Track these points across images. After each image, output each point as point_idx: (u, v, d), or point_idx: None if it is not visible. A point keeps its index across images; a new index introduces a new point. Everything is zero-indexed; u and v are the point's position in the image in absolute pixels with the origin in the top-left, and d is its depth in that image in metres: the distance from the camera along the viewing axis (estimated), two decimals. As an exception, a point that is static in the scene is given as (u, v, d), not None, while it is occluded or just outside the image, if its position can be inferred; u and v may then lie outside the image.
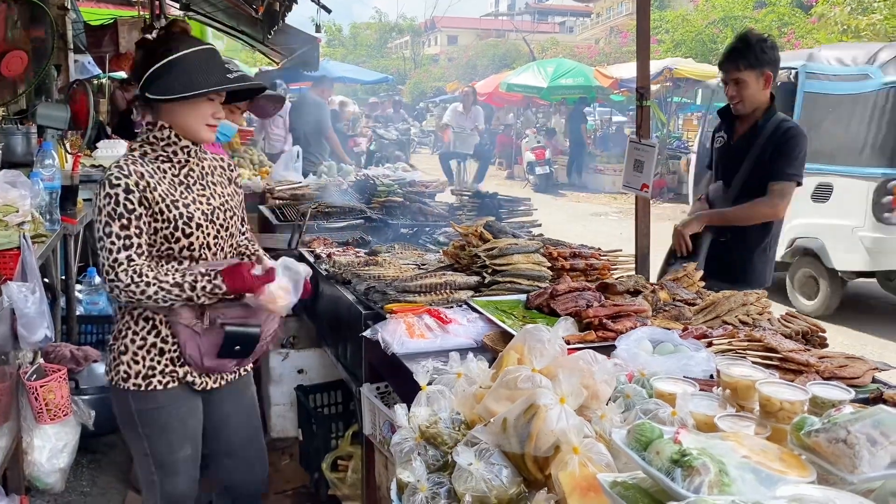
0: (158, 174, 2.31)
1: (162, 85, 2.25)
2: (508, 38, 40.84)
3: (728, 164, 3.55)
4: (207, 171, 2.47)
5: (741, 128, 3.51)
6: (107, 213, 2.21)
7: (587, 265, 3.21)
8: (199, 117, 2.34)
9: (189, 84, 2.25)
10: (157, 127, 2.33)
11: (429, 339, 2.52)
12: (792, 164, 3.35)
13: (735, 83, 3.37)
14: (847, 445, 1.22)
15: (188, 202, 2.33)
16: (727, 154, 3.56)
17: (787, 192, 3.36)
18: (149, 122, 2.35)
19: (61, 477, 3.35)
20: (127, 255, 2.21)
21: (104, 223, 2.22)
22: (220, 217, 2.42)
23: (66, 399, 3.23)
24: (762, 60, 3.32)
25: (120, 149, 6.43)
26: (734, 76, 3.37)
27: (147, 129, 2.35)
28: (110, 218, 2.21)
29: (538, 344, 1.72)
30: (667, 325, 2.50)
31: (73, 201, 4.25)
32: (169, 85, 2.25)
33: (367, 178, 5.29)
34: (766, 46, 3.35)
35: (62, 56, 7.24)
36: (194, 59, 2.27)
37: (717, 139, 3.66)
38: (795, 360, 2.07)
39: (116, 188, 2.22)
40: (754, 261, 3.51)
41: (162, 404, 2.40)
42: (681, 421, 1.56)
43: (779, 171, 3.34)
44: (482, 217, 3.85)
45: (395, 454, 1.76)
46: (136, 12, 8.65)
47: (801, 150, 3.37)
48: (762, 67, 3.33)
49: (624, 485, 1.27)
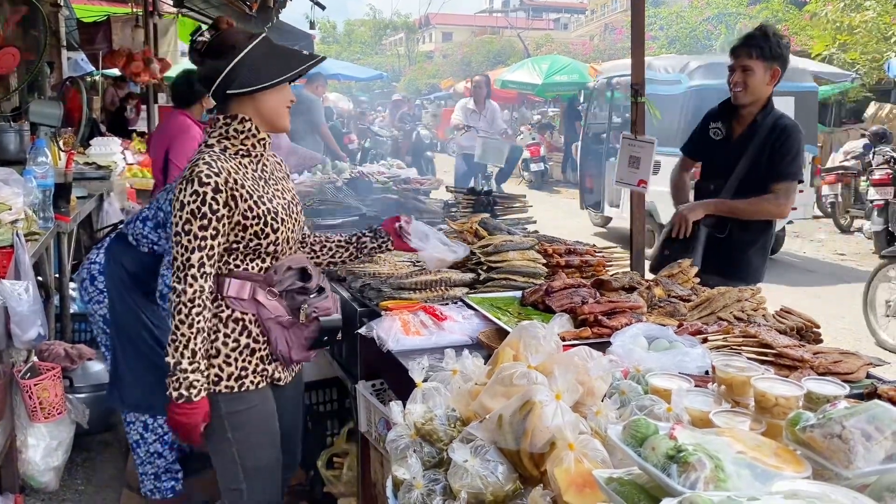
0: (241, 170, 2.25)
1: (246, 78, 2.21)
2: (503, 35, 40.83)
3: (726, 159, 3.53)
4: (272, 166, 2.42)
5: (740, 125, 3.50)
6: (190, 210, 2.13)
7: (582, 262, 3.21)
8: (283, 102, 2.31)
9: (274, 70, 2.23)
10: (238, 119, 2.26)
11: (424, 336, 2.52)
12: (791, 162, 3.36)
13: (742, 70, 3.37)
14: (842, 441, 1.22)
15: (270, 197, 2.29)
16: (726, 149, 3.54)
17: (791, 192, 3.38)
18: (225, 116, 2.27)
19: (56, 475, 3.35)
20: (199, 258, 2.14)
21: (184, 220, 2.13)
22: (294, 211, 2.38)
23: (60, 397, 3.22)
24: (774, 54, 3.34)
25: (114, 146, 6.41)
26: (744, 62, 3.36)
27: (224, 123, 2.27)
28: (192, 216, 2.13)
29: (533, 340, 1.72)
30: (662, 321, 2.50)
31: (67, 199, 4.22)
32: (253, 76, 2.21)
33: (362, 175, 5.28)
34: (782, 43, 3.37)
35: (55, 53, 7.22)
36: (265, 48, 2.25)
37: (714, 131, 3.64)
38: (790, 356, 2.08)
39: (206, 186, 2.13)
40: (752, 258, 3.50)
41: (253, 404, 2.33)
42: (676, 417, 1.57)
43: (781, 172, 3.35)
44: (477, 214, 3.84)
45: (391, 451, 1.75)
46: (129, 9, 8.64)
47: (799, 147, 3.38)
48: (773, 61, 3.34)
49: (620, 481, 1.27)
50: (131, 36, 8.23)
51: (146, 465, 3.38)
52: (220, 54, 2.22)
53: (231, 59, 2.20)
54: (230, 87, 2.22)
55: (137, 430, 3.36)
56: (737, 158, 3.47)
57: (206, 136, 2.30)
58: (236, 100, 2.25)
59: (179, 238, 2.14)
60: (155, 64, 7.87)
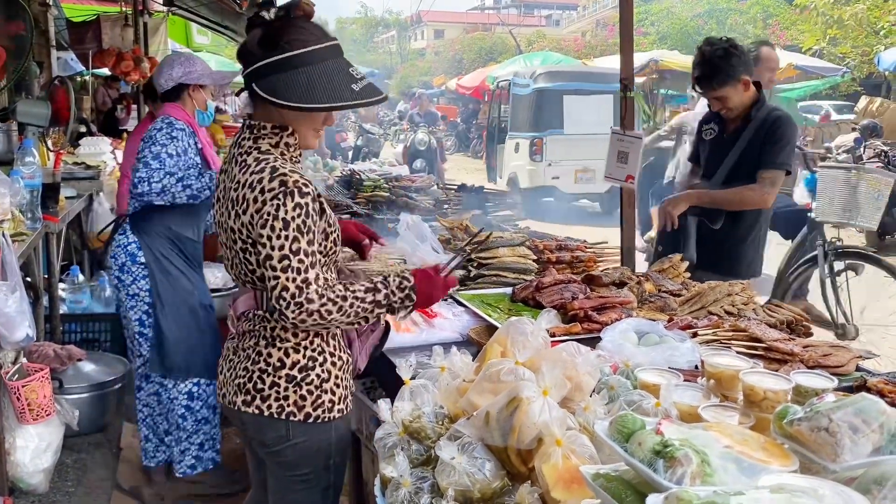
0: None
1: (282, 84, 1.89)
2: (495, 32, 40.81)
3: (718, 155, 3.47)
4: None
5: (733, 122, 3.44)
6: (296, 226, 1.85)
7: (573, 257, 3.21)
8: (315, 124, 2.05)
9: (314, 92, 1.89)
10: (289, 132, 1.99)
11: (414, 333, 2.51)
12: (780, 152, 3.29)
13: (716, 100, 3.34)
14: (829, 434, 1.21)
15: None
16: (719, 146, 3.49)
17: (777, 181, 3.31)
18: (274, 126, 1.98)
19: (45, 477, 3.33)
20: (315, 274, 1.87)
21: (292, 238, 1.84)
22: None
23: (49, 399, 3.20)
24: (734, 73, 3.26)
25: (103, 146, 6.38)
26: (713, 95, 3.32)
27: (273, 132, 1.98)
28: (299, 233, 1.85)
29: (521, 336, 1.71)
30: (652, 316, 2.50)
31: (55, 199, 4.20)
32: (290, 88, 1.88)
33: (353, 174, 5.26)
34: (732, 57, 3.25)
35: (44, 53, 7.17)
36: (320, 60, 1.92)
37: (707, 131, 3.59)
38: (780, 350, 2.08)
39: (307, 197, 1.87)
40: (746, 250, 3.45)
41: (350, 424, 2.17)
42: (665, 412, 1.56)
43: (767, 160, 3.29)
44: (468, 211, 3.84)
45: (379, 449, 1.75)
46: (118, 8, 8.58)
47: (789, 138, 3.32)
48: (736, 77, 3.27)
49: (606, 476, 1.26)
50: (121, 35, 8.19)
51: (193, 436, 3.48)
52: (263, 43, 1.92)
53: (275, 52, 1.89)
54: (260, 83, 1.91)
55: (182, 403, 3.45)
56: (728, 152, 3.42)
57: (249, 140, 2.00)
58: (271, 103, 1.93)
59: (289, 262, 1.84)
60: (145, 63, 7.83)
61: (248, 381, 2.00)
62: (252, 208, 1.88)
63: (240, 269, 2.02)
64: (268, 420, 1.99)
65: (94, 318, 4.71)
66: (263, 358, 1.99)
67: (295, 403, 1.98)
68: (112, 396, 4.05)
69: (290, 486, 2.09)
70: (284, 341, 1.99)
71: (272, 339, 1.99)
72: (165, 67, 3.52)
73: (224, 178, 2.06)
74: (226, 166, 2.07)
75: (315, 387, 1.99)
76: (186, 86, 3.49)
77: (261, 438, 2.05)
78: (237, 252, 1.99)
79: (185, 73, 3.47)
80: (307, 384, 1.98)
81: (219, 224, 2.09)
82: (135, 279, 3.44)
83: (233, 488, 3.53)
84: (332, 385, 2.03)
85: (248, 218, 1.90)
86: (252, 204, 1.88)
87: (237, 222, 1.93)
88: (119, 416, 4.18)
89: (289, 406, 1.98)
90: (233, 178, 1.97)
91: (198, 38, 11.66)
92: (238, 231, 1.94)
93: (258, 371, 1.99)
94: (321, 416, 2.00)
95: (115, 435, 4.11)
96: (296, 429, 2.00)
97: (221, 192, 2.06)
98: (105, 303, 4.92)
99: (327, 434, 2.04)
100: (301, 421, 1.99)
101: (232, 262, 2.05)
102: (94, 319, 4.69)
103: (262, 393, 1.98)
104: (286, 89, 1.89)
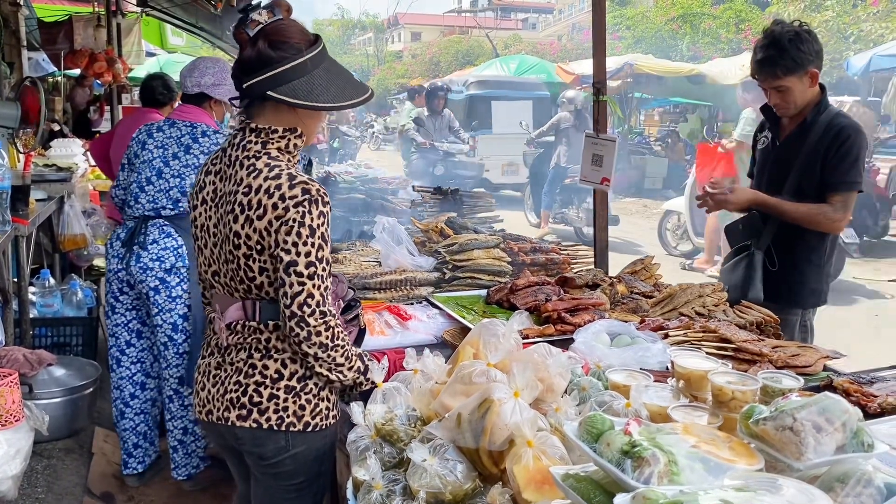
0: None
1: (302, 89, 1.87)
2: (471, 35, 40.92)
3: (774, 168, 3.08)
4: None
5: (788, 126, 3.04)
6: (321, 234, 1.84)
7: (547, 259, 3.23)
8: (322, 122, 2.07)
9: (334, 92, 1.90)
10: (297, 134, 1.96)
11: (388, 336, 2.52)
12: (850, 169, 2.89)
13: (777, 91, 2.91)
14: (793, 433, 1.23)
15: None
16: (773, 157, 3.10)
17: (850, 204, 2.91)
18: (285, 128, 1.94)
19: (14, 484, 3.27)
20: (327, 286, 1.88)
21: (317, 246, 1.83)
22: None
23: (17, 404, 3.15)
24: (803, 60, 2.83)
25: (75, 148, 6.30)
26: (774, 84, 2.90)
27: (282, 136, 1.94)
28: (324, 241, 1.85)
29: (493, 338, 1.72)
30: (624, 317, 2.52)
31: (25, 202, 4.14)
32: (309, 91, 1.88)
33: (329, 175, 5.25)
34: (804, 42, 2.83)
35: (15, 53, 7.08)
36: (326, 62, 1.93)
37: (761, 140, 3.21)
38: (749, 350, 2.11)
39: (328, 206, 1.87)
40: (810, 278, 3.04)
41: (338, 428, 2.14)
42: (635, 412, 1.58)
43: (837, 180, 2.89)
44: (444, 213, 3.84)
45: (351, 452, 1.74)
46: (91, 8, 8.48)
47: (858, 151, 2.88)
48: (805, 67, 2.85)
49: (576, 477, 1.27)
50: (94, 36, 8.08)
51: (201, 440, 3.53)
52: (276, 48, 1.88)
53: (289, 60, 1.87)
54: (277, 89, 1.87)
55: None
56: (784, 162, 3.03)
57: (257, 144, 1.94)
58: (276, 104, 1.91)
59: (315, 269, 1.83)
60: (118, 64, 7.74)
61: (242, 395, 1.95)
62: (271, 214, 1.83)
63: (234, 275, 1.95)
64: (267, 433, 1.95)
65: (66, 322, 4.65)
66: (259, 370, 1.94)
67: (294, 414, 1.94)
68: (83, 401, 4.00)
69: (283, 496, 2.06)
70: (281, 352, 1.94)
71: (267, 351, 1.95)
72: (197, 72, 3.46)
73: (215, 180, 1.98)
74: (215, 167, 2.00)
75: (313, 395, 1.96)
76: (210, 96, 3.45)
77: (259, 452, 1.99)
78: (237, 257, 1.91)
79: (213, 85, 3.43)
80: (306, 393, 1.95)
81: (203, 228, 2.01)
82: (181, 281, 3.40)
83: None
84: (328, 391, 2.00)
85: (263, 224, 1.84)
86: (271, 210, 1.82)
87: (246, 227, 1.87)
88: (91, 421, 4.12)
89: (288, 417, 1.93)
90: (237, 181, 1.89)
91: (172, 40, 11.54)
92: (247, 237, 1.87)
93: (254, 384, 1.94)
94: (319, 424, 1.97)
95: (86, 440, 4.06)
96: (295, 439, 1.96)
97: (211, 195, 1.98)
98: (77, 306, 4.86)
99: (324, 441, 2.02)
100: (300, 431, 1.95)
101: (224, 268, 1.97)
102: (66, 324, 4.63)
103: (260, 406, 1.93)
104: (308, 92, 1.88)
